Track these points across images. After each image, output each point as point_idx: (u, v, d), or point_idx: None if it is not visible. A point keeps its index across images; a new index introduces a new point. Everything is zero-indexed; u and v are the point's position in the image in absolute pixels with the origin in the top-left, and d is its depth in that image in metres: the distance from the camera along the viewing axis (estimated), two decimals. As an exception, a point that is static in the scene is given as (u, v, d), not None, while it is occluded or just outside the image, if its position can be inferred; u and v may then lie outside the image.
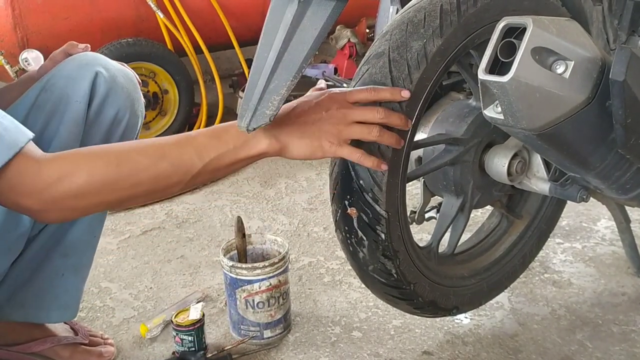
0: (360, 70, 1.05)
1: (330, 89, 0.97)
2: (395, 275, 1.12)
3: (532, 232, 1.43)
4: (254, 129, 0.96)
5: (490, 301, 1.45)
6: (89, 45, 1.28)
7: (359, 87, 0.97)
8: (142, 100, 1.25)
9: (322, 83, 1.03)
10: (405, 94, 0.98)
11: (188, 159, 0.91)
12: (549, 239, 1.51)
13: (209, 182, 0.98)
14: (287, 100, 0.96)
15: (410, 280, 1.15)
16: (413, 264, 1.15)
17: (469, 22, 1.05)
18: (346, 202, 1.08)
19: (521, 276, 1.49)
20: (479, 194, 1.27)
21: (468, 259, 1.38)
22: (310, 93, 0.98)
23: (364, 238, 1.09)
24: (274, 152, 0.93)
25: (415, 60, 1.01)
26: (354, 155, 0.95)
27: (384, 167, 0.98)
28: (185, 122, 2.83)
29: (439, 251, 1.29)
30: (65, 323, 1.38)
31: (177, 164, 0.91)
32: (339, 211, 1.10)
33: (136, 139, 1.25)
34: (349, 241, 1.11)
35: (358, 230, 1.08)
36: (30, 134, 0.90)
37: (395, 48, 1.02)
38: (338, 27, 3.07)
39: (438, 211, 1.39)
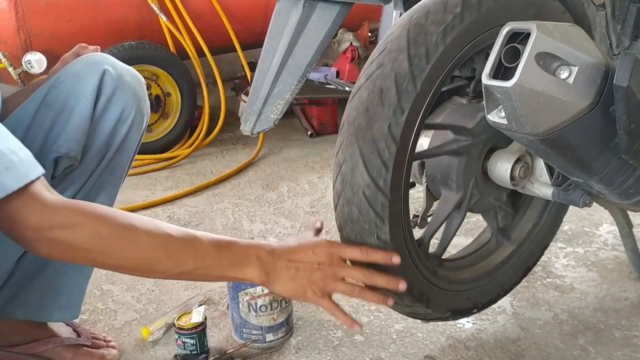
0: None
1: (326, 239, 1.02)
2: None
3: (515, 261, 1.39)
4: (258, 133, 0.97)
5: (492, 305, 1.45)
6: (98, 47, 1.30)
7: (353, 246, 1.03)
8: (148, 99, 1.27)
9: (317, 224, 1.11)
10: (396, 260, 1.02)
11: (183, 258, 0.96)
12: (551, 244, 1.51)
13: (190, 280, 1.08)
14: (290, 104, 0.97)
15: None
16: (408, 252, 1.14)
17: (488, 15, 1.07)
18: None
19: (523, 280, 1.49)
20: (478, 195, 1.26)
21: (453, 267, 1.35)
22: (308, 237, 1.05)
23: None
24: (260, 283, 1.01)
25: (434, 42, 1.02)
26: (333, 311, 1.03)
27: (358, 328, 1.04)
28: (188, 124, 2.83)
29: (430, 250, 1.27)
30: (67, 325, 1.38)
31: (171, 258, 0.96)
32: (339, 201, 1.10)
33: (141, 137, 1.27)
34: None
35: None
36: (42, 170, 0.94)
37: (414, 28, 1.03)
38: (340, 30, 3.08)
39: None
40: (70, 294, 1.29)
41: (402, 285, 1.02)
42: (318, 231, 1.10)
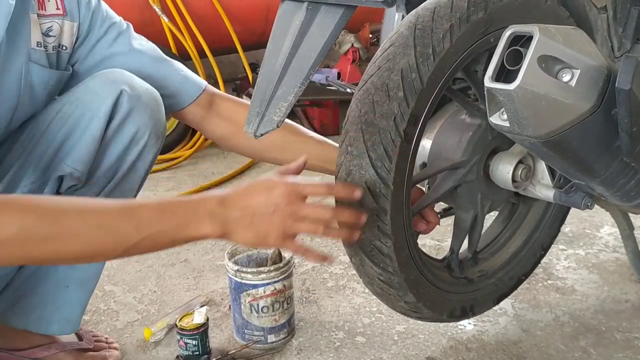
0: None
1: (286, 179, 0.96)
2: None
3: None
4: (262, 135, 0.97)
5: (494, 307, 1.45)
6: None
7: (314, 183, 0.97)
8: (164, 121, 1.24)
9: (298, 161, 1.04)
10: (358, 194, 0.98)
11: (125, 231, 0.88)
12: (552, 245, 1.51)
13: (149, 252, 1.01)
14: (292, 108, 0.97)
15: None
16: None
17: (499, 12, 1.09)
18: None
19: (525, 282, 1.49)
20: (474, 177, 1.25)
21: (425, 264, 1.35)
22: (267, 178, 0.97)
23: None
24: (217, 237, 0.93)
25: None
26: (298, 251, 0.97)
27: (330, 260, 1.00)
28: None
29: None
30: None
31: (112, 235, 0.88)
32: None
33: (155, 158, 1.24)
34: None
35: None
36: None
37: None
38: (341, 32, 3.08)
39: (442, 216, 1.39)
40: (71, 308, 1.28)
41: (364, 218, 0.99)
42: (293, 171, 1.02)
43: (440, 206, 1.36)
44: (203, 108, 1.31)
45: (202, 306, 1.53)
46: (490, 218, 1.47)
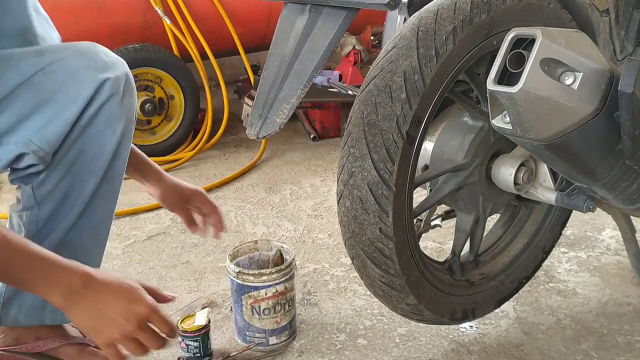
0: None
1: (150, 302, 1.02)
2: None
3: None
4: (264, 137, 0.98)
5: (495, 310, 1.45)
6: None
7: (164, 315, 1.04)
8: (136, 104, 1.22)
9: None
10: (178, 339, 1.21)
11: None
12: (554, 248, 1.52)
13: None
14: (294, 110, 0.97)
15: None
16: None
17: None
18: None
19: (526, 285, 1.49)
20: (476, 179, 1.26)
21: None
22: (138, 289, 1.03)
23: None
24: (58, 307, 0.98)
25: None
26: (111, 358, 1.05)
27: None
28: (191, 127, 2.83)
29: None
30: (73, 325, 1.38)
31: None
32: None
33: (125, 142, 1.21)
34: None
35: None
36: None
37: None
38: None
39: (443, 219, 1.39)
40: None
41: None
42: (160, 297, 1.11)
43: (442, 208, 1.36)
44: None
45: (203, 308, 1.53)
46: (492, 221, 1.48)
